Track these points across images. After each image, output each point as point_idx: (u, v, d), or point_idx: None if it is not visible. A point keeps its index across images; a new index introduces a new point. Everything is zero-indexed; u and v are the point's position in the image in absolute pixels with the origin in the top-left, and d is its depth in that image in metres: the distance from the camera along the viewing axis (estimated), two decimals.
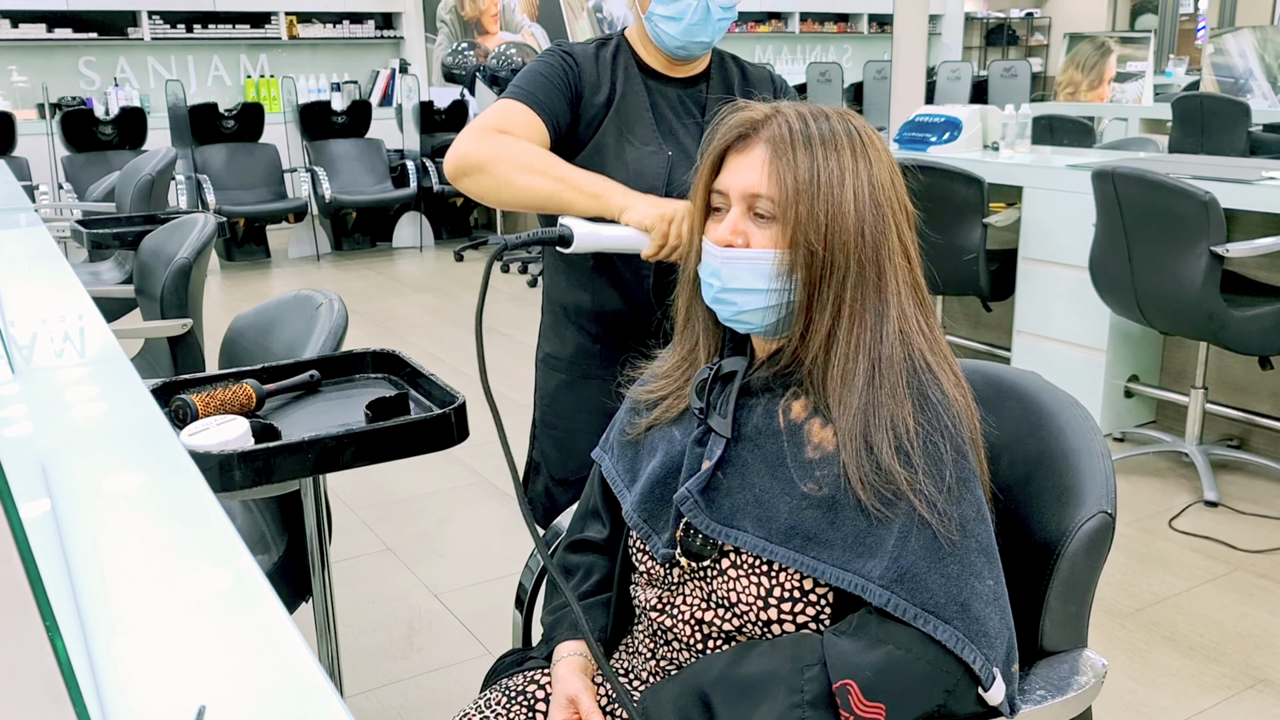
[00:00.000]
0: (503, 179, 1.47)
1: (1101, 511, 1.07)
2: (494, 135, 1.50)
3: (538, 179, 1.46)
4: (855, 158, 1.04)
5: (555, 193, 1.45)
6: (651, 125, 1.60)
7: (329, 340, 1.79)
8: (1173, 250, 2.96)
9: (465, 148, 1.49)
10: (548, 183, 1.46)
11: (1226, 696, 2.21)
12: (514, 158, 1.47)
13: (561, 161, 1.49)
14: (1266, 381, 3.39)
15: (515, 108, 1.55)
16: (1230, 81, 7.63)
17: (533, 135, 1.53)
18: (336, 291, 1.91)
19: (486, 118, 1.53)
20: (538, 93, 1.56)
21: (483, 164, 1.48)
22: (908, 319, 1.05)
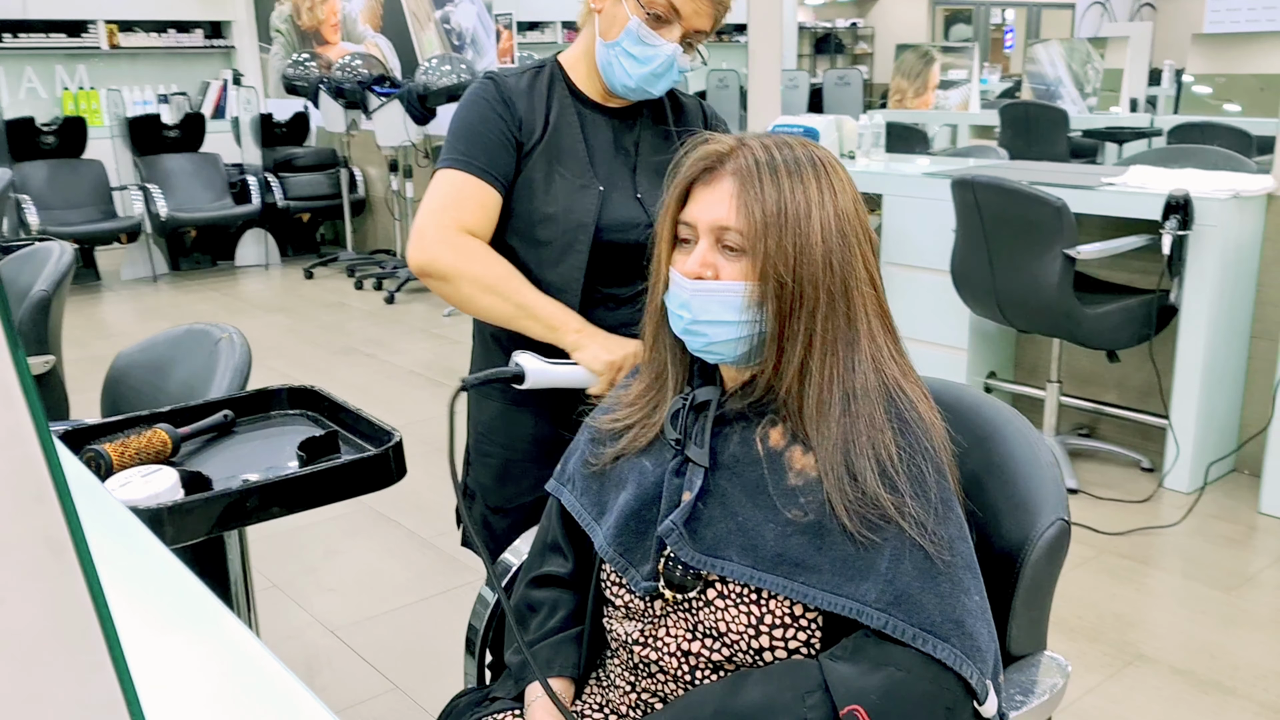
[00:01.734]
0: (466, 295, 1.49)
1: (1059, 519, 1.13)
2: (460, 240, 1.48)
3: (499, 303, 1.49)
4: (820, 188, 1.06)
5: (513, 318, 1.49)
6: (584, 158, 1.55)
7: (235, 377, 1.71)
8: (1029, 254, 3.14)
9: (431, 252, 1.48)
10: (508, 308, 1.49)
11: (1110, 674, 2.36)
12: (479, 277, 1.48)
13: (524, 285, 1.49)
14: (1113, 373, 3.63)
15: (465, 183, 1.50)
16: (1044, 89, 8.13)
17: (489, 214, 1.51)
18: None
19: (442, 205, 1.50)
20: (479, 158, 1.51)
21: (449, 276, 1.48)
22: (879, 346, 1.08)
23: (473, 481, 1.71)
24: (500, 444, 1.65)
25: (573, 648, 1.20)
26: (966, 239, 3.34)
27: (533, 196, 1.52)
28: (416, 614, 2.69)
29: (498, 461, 1.66)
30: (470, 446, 1.72)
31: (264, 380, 1.71)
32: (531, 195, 1.52)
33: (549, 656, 1.20)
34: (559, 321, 1.48)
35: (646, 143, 1.60)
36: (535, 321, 1.48)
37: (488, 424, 1.67)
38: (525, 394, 1.59)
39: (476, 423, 1.69)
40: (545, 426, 1.60)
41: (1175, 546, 2.97)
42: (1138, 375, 3.57)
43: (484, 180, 1.49)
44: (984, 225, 3.23)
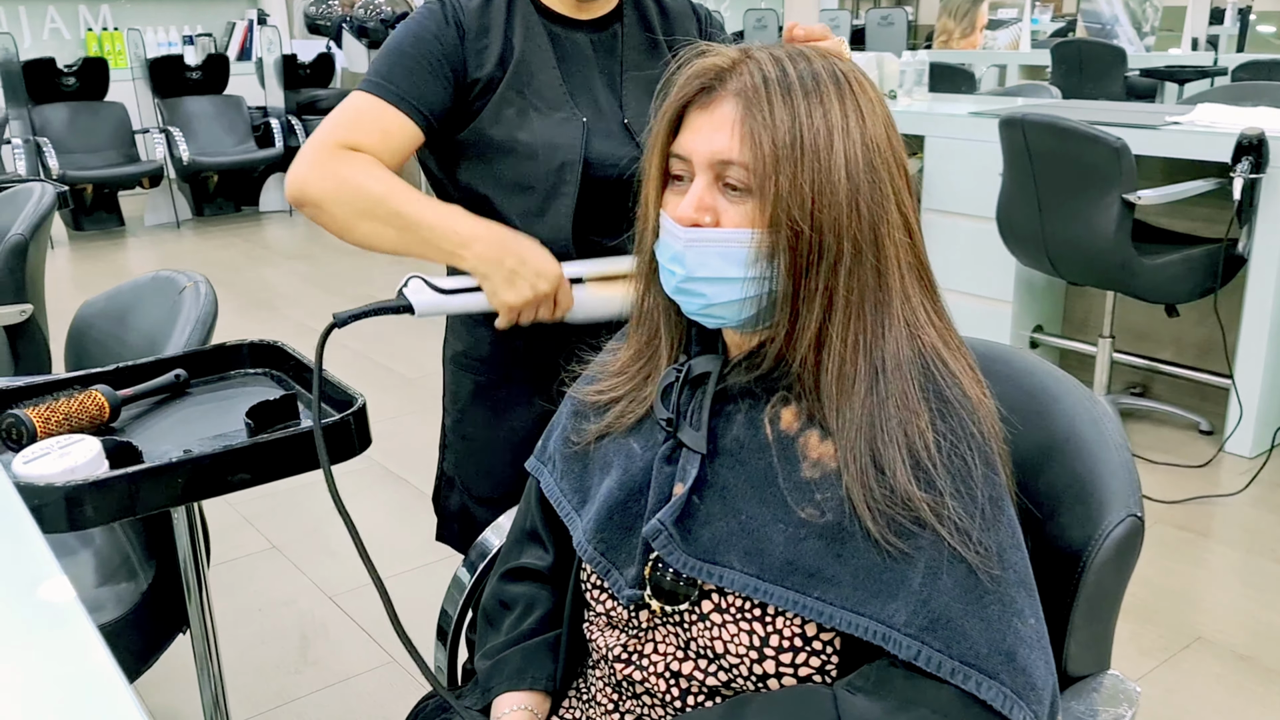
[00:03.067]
0: (343, 224, 1.25)
1: (1131, 515, 0.93)
2: (336, 159, 1.24)
3: (380, 228, 1.24)
4: (844, 110, 0.86)
5: (401, 245, 1.26)
6: (560, 85, 1.32)
7: (196, 331, 1.54)
8: (1083, 199, 2.89)
9: (302, 175, 1.24)
10: (391, 232, 1.24)
11: (1165, 658, 2.16)
12: (353, 200, 1.23)
13: (410, 199, 1.24)
14: (1169, 328, 3.39)
15: (371, 106, 1.26)
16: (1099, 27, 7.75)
17: (391, 143, 1.26)
18: (201, 261, 1.66)
19: (333, 124, 1.26)
20: (399, 82, 1.27)
21: (320, 202, 1.24)
22: (914, 307, 0.88)
23: (451, 468, 1.52)
24: (483, 425, 1.45)
25: (549, 656, 1.03)
26: (1015, 183, 3.09)
27: (508, 136, 1.29)
28: (421, 581, 2.54)
29: (479, 445, 1.46)
30: (448, 428, 1.52)
31: (275, 333, 1.55)
32: (507, 135, 1.30)
33: (520, 665, 1.02)
34: (452, 236, 1.23)
35: (630, 55, 1.37)
36: (426, 244, 1.24)
37: (467, 401, 1.46)
38: (510, 367, 1.41)
39: (454, 399, 1.49)
40: (538, 404, 1.39)
41: (1237, 517, 2.75)
42: (1197, 331, 3.33)
43: (397, 107, 1.26)
44: (1034, 168, 2.99)
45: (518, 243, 1.25)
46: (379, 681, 2.16)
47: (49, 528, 1.08)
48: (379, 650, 2.25)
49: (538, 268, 1.24)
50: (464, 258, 1.23)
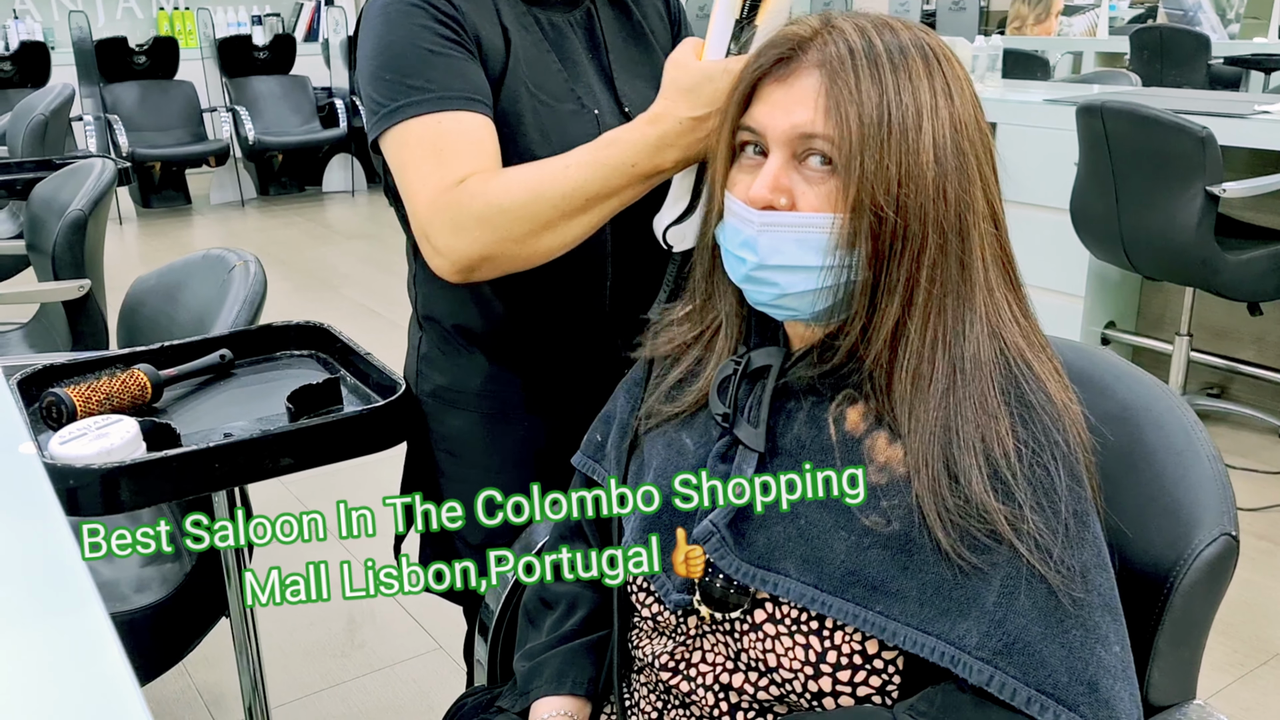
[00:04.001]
0: (525, 255, 1.02)
1: (1225, 534, 0.85)
2: (456, 206, 1.01)
3: (561, 226, 1.01)
4: (933, 87, 0.79)
5: (595, 219, 1.02)
6: (560, 74, 1.14)
7: (244, 311, 1.51)
8: (1164, 191, 2.77)
9: (446, 249, 1.02)
10: (574, 221, 1.01)
11: (1239, 675, 2.06)
12: (510, 226, 1.00)
13: (555, 176, 1.00)
14: (1250, 327, 3.24)
15: (439, 126, 1.04)
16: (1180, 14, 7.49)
17: (488, 149, 1.05)
18: (264, 240, 1.64)
19: (419, 176, 1.04)
20: (447, 83, 1.05)
21: (483, 256, 1.02)
22: (997, 303, 0.81)
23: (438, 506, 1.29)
24: (473, 464, 1.25)
25: (590, 659, 0.98)
26: (1091, 173, 2.97)
27: (518, 138, 1.10)
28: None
29: (468, 488, 1.22)
30: (438, 463, 1.29)
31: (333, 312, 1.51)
32: (516, 137, 1.10)
33: (560, 668, 0.98)
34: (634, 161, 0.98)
35: (613, 37, 1.21)
36: (618, 197, 1.01)
37: (454, 438, 1.26)
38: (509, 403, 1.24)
39: (438, 437, 1.27)
40: (541, 439, 1.24)
41: None
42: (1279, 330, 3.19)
43: (465, 110, 1.05)
44: (1112, 158, 2.86)
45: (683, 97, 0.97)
46: (425, 668, 2.13)
47: (85, 510, 1.06)
48: (425, 636, 2.23)
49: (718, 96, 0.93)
50: (666, 167, 0.99)
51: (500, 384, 1.23)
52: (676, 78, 0.97)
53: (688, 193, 1.03)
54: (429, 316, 1.26)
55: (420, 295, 1.28)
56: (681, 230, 1.04)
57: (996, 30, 9.00)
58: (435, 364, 1.27)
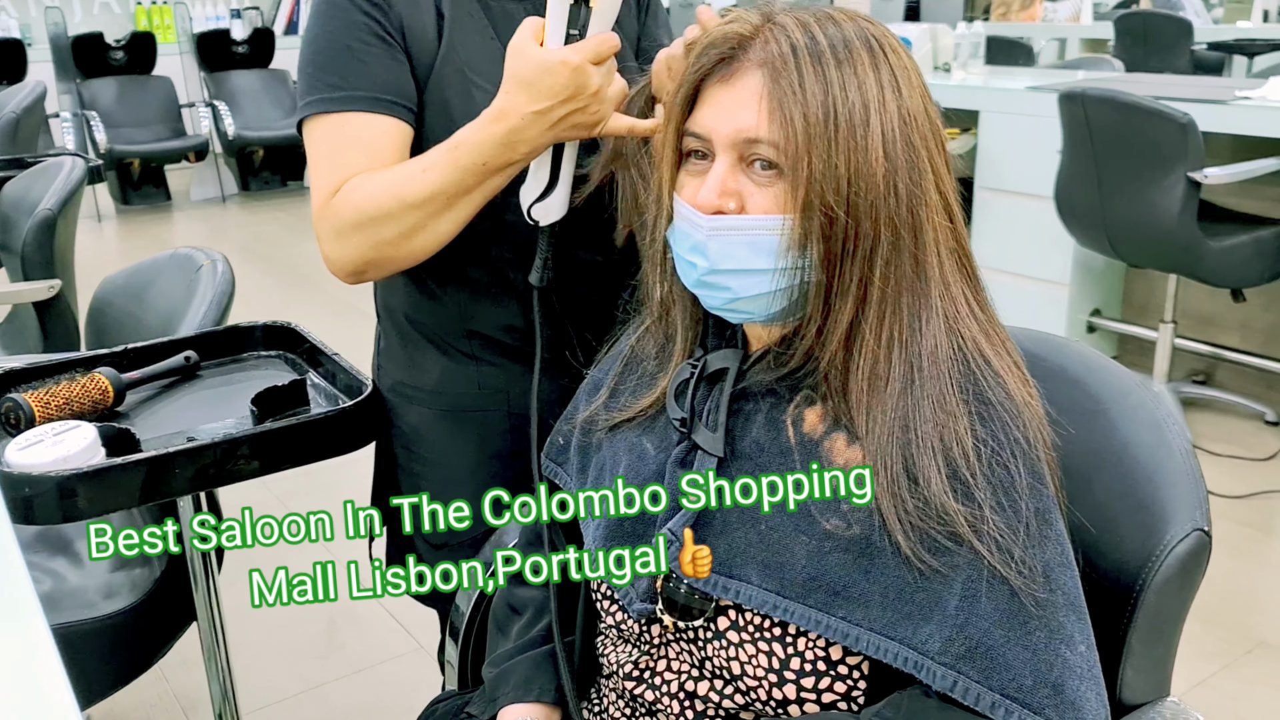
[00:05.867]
0: (402, 256, 1.04)
1: (1197, 529, 0.84)
2: (337, 214, 1.03)
3: (432, 225, 1.02)
4: (880, 80, 0.77)
5: (459, 216, 1.03)
6: (498, 57, 1.05)
7: (211, 311, 1.49)
8: (1147, 177, 2.76)
9: (329, 256, 1.07)
10: (440, 220, 1.02)
11: (1225, 664, 2.05)
12: (380, 232, 1.02)
13: (416, 176, 1.01)
14: (1234, 313, 3.24)
15: (337, 129, 1.05)
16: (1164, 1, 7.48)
17: (382, 156, 1.05)
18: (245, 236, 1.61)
19: (315, 180, 1.06)
20: (358, 82, 1.05)
21: (364, 262, 1.05)
22: (953, 298, 0.79)
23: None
24: (434, 463, 1.22)
25: (551, 666, 0.96)
26: (1074, 161, 2.96)
27: (452, 126, 1.03)
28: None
29: (430, 484, 1.23)
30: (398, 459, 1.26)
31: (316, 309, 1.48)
32: (450, 125, 1.04)
33: (527, 675, 0.96)
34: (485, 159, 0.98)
35: None
36: (479, 193, 1.01)
37: (413, 434, 1.23)
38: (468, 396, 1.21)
39: (397, 431, 1.25)
40: (499, 438, 1.20)
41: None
42: (1264, 316, 3.18)
43: (370, 111, 1.05)
44: (1095, 145, 2.85)
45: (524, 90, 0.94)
46: (406, 669, 2.12)
47: (42, 519, 1.04)
48: (406, 637, 2.21)
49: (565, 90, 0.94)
50: (518, 160, 0.99)
51: (453, 379, 1.21)
52: (516, 69, 0.95)
53: (546, 171, 1.03)
54: (387, 309, 1.26)
55: (379, 289, 1.27)
56: (546, 206, 1.04)
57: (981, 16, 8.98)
58: (393, 358, 1.25)
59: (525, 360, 1.17)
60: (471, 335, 1.18)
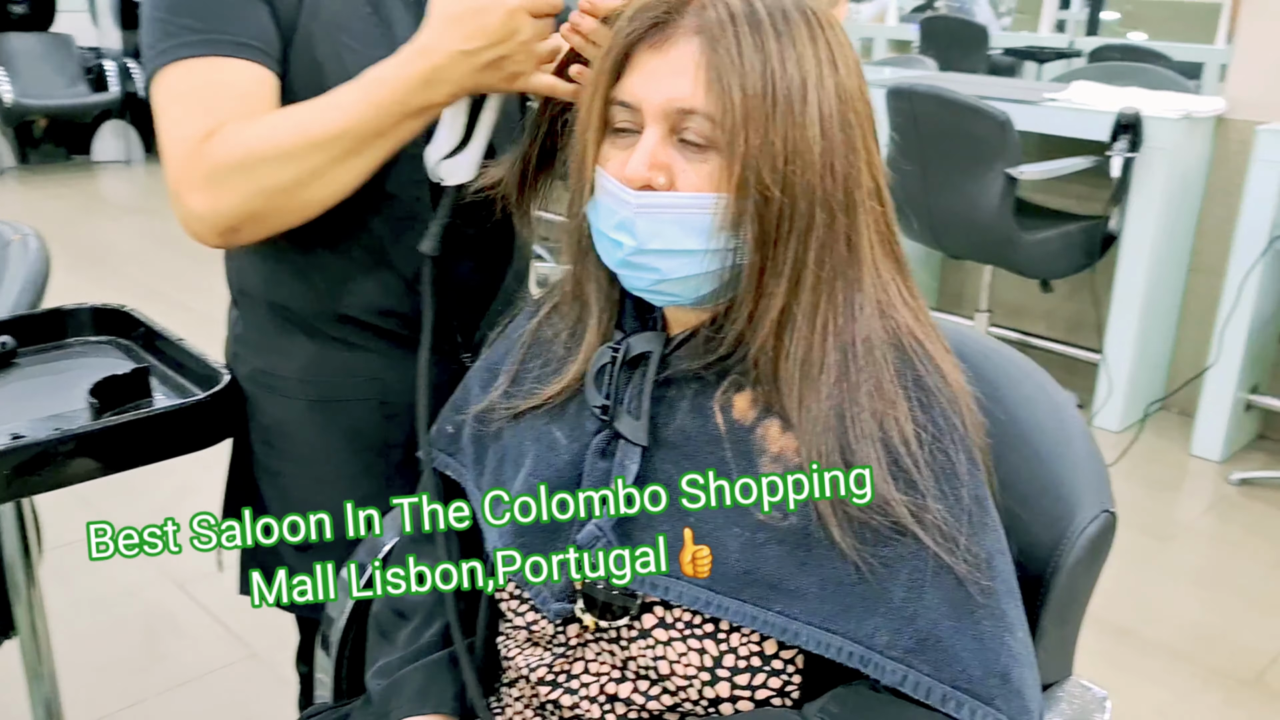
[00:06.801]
0: (296, 208, 0.93)
1: (1105, 511, 0.86)
2: (210, 158, 0.91)
3: (331, 172, 0.91)
4: (818, 56, 0.74)
5: (369, 162, 0.92)
6: (371, 18, 1.02)
7: (26, 292, 1.33)
8: (968, 173, 2.88)
9: (195, 210, 0.92)
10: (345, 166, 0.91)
11: None
12: (267, 177, 0.91)
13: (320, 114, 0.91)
14: (1041, 303, 3.44)
15: (203, 73, 0.93)
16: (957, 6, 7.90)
17: (254, 103, 0.95)
18: (27, 214, 1.44)
19: (174, 126, 0.93)
20: (222, 25, 0.94)
21: (242, 215, 0.92)
22: (885, 283, 0.78)
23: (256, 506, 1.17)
24: (298, 458, 1.12)
25: (447, 674, 0.90)
26: (901, 156, 3.06)
27: (319, 89, 0.94)
28: None
29: (291, 481, 1.13)
30: (255, 455, 1.15)
31: (116, 295, 1.33)
32: (317, 88, 0.95)
33: (422, 685, 0.89)
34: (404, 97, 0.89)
35: None
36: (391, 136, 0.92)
37: (275, 428, 1.13)
38: (340, 384, 1.11)
39: (257, 425, 1.14)
40: (373, 430, 1.12)
41: None
42: (1067, 306, 3.39)
43: (237, 57, 0.94)
44: (921, 140, 2.96)
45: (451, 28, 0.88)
46: (239, 678, 1.98)
47: None
48: (237, 643, 2.06)
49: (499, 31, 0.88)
50: (438, 102, 0.91)
51: (321, 366, 1.11)
52: (445, 6, 0.88)
53: (461, 124, 0.96)
54: (243, 291, 1.14)
55: (233, 269, 1.15)
56: (455, 164, 0.97)
57: None
58: (252, 345, 1.14)
59: (402, 344, 1.10)
60: (344, 319, 1.09)
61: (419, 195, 1.03)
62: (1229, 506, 2.72)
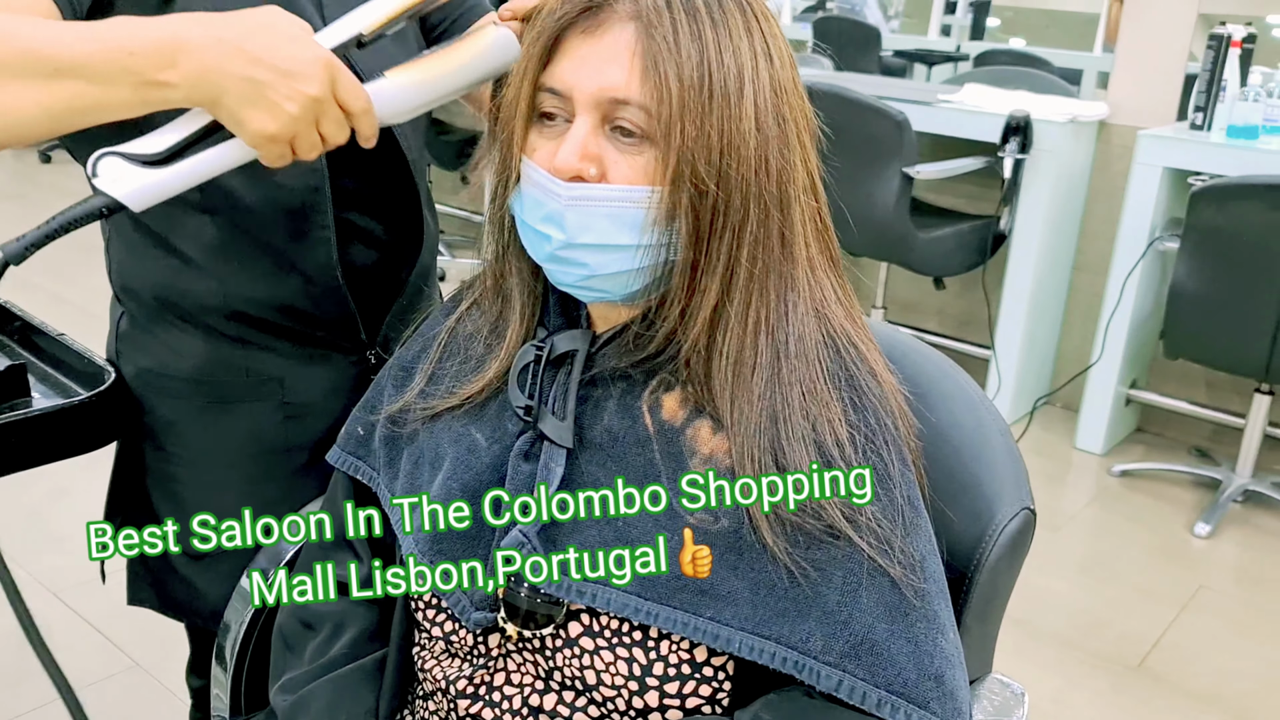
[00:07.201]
0: None
1: (1024, 508, 0.86)
2: None
3: (10, 86, 0.73)
4: (754, 47, 0.73)
5: (58, 102, 0.74)
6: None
7: None
8: (867, 171, 2.93)
9: None
10: (34, 89, 0.73)
11: None
12: None
13: (49, 26, 0.76)
14: (933, 300, 3.51)
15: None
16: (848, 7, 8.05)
17: None
18: None
19: None
20: None
21: None
22: (820, 282, 0.77)
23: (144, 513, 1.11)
24: (194, 462, 1.06)
25: (367, 686, 0.86)
26: None
27: None
28: None
29: (185, 486, 1.07)
30: (144, 459, 1.09)
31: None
32: None
33: (331, 699, 0.85)
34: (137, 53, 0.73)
35: None
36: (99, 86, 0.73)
37: (165, 429, 1.06)
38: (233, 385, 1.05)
39: (147, 428, 1.08)
40: (273, 431, 1.06)
41: None
42: (958, 303, 3.47)
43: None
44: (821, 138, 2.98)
45: (245, 25, 0.74)
46: (121, 690, 1.88)
47: None
48: (118, 654, 1.96)
49: (289, 62, 0.73)
50: (170, 83, 0.73)
51: (218, 366, 1.05)
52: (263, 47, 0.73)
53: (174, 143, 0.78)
54: (127, 289, 1.07)
55: (114, 265, 1.08)
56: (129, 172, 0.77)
57: None
58: (138, 344, 1.07)
59: (303, 343, 1.05)
60: (238, 316, 1.02)
61: (317, 186, 0.98)
62: (1111, 497, 2.83)
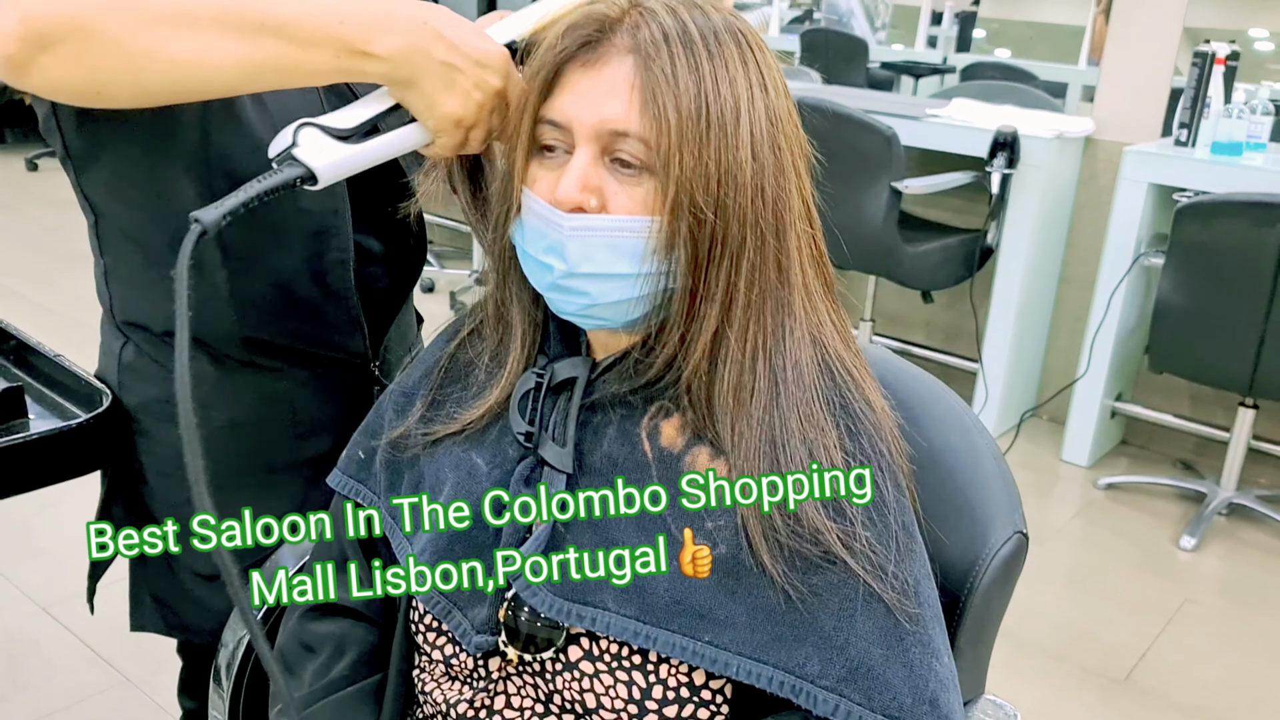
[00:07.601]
0: (128, 53, 0.71)
1: (1017, 532, 0.88)
2: None
3: (207, 38, 0.71)
4: (749, 78, 0.74)
5: (252, 56, 0.73)
6: None
7: None
8: (856, 186, 2.95)
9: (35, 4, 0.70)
10: (230, 39, 0.71)
11: None
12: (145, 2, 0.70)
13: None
14: (920, 313, 3.54)
15: None
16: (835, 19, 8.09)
17: None
18: None
19: None
20: None
21: (77, 22, 0.70)
22: (816, 308, 0.78)
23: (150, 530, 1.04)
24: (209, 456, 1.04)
25: (367, 709, 0.86)
26: None
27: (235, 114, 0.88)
28: None
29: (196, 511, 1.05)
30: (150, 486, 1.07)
31: None
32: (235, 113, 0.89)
33: None
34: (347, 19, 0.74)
35: None
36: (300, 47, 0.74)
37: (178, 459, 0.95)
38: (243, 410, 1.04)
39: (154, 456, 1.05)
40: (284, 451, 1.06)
41: None
42: (945, 316, 3.49)
43: None
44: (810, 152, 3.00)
45: (441, 13, 0.77)
46: (110, 707, 1.87)
47: None
48: (107, 669, 1.96)
49: (480, 54, 0.77)
50: (377, 55, 0.75)
51: (229, 390, 1.04)
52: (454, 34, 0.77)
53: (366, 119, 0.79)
54: (132, 323, 1.04)
55: (116, 298, 1.05)
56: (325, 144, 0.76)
57: None
58: (146, 374, 1.05)
59: (311, 363, 1.05)
60: (250, 343, 1.02)
61: (336, 208, 0.99)
62: (1097, 510, 2.85)
